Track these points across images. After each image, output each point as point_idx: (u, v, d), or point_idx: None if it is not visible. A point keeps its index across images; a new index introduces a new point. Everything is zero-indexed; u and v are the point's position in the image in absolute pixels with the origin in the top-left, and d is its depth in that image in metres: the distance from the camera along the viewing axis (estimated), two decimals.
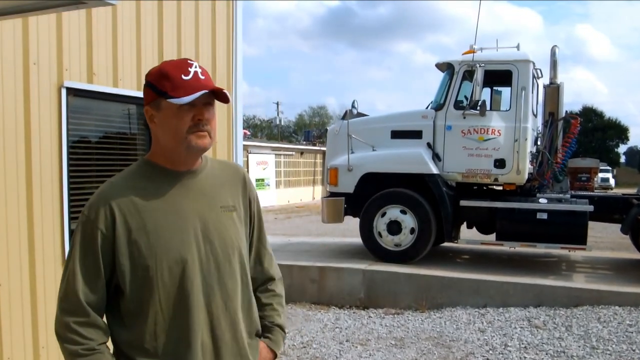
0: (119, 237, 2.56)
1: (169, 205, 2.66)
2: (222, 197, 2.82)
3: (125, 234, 2.57)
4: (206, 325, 2.66)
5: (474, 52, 13.04)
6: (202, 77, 2.64)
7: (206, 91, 2.60)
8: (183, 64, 2.64)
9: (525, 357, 8.57)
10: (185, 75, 2.60)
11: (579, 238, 12.34)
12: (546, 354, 8.68)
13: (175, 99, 2.55)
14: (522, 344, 9.09)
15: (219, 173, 2.89)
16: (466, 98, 13.00)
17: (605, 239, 18.20)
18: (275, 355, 3.04)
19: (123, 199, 2.60)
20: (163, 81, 2.61)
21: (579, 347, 8.89)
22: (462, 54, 13.31)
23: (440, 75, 14.11)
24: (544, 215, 12.46)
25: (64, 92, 6.01)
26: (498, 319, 10.31)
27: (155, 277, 2.57)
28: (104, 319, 2.66)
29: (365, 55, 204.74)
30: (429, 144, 13.17)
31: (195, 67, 2.65)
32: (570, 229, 12.39)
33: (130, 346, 2.62)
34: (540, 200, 12.84)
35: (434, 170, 12.97)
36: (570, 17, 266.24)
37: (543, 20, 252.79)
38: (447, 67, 13.63)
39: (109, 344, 2.63)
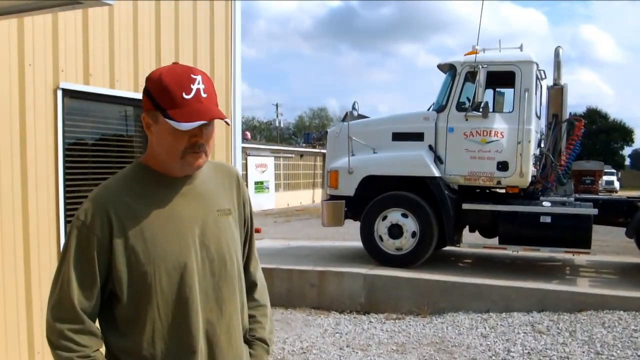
0: (116, 243, 2.49)
1: (166, 211, 2.60)
2: (218, 200, 2.77)
3: (123, 240, 2.50)
4: (202, 331, 2.62)
5: (476, 53, 12.94)
6: (204, 96, 2.50)
7: (204, 122, 2.48)
8: (186, 78, 2.49)
9: None
10: (186, 94, 2.46)
11: (583, 242, 12.21)
12: (550, 359, 8.57)
13: (174, 121, 2.44)
14: (526, 349, 8.99)
15: (214, 175, 2.83)
16: (468, 100, 12.89)
17: (610, 243, 18.10)
18: None
19: (119, 204, 2.53)
20: (162, 95, 2.47)
21: (583, 352, 8.78)
22: (465, 55, 13.20)
23: (442, 77, 14.01)
24: (548, 219, 12.36)
25: (59, 93, 5.96)
26: (501, 324, 10.21)
27: (153, 284, 2.51)
28: (97, 324, 2.60)
29: (367, 57, 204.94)
30: (430, 147, 13.07)
31: (199, 82, 2.50)
32: (574, 233, 12.28)
33: (126, 353, 2.57)
34: (544, 203, 12.73)
35: (436, 173, 12.86)
36: (574, 18, 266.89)
37: (548, 21, 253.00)
38: (449, 68, 13.53)
39: (102, 349, 2.58)
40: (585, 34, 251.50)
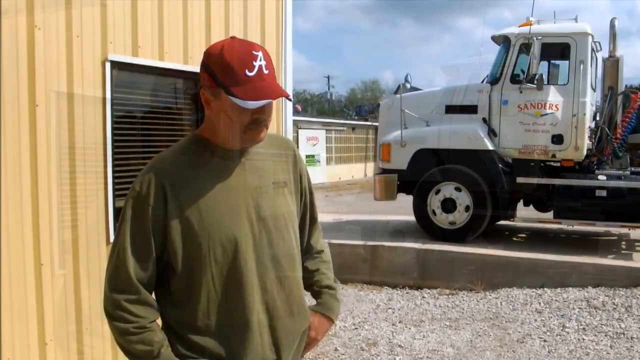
0: (170, 213, 2.52)
1: (221, 182, 2.62)
2: (273, 172, 2.79)
3: (177, 210, 2.53)
4: (261, 303, 2.63)
5: (530, 25, 12.70)
6: (266, 72, 2.51)
7: (271, 100, 2.52)
8: (248, 56, 2.49)
9: (583, 339, 8.34)
10: (249, 71, 2.47)
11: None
12: (605, 335, 8.47)
13: (239, 99, 2.45)
14: (581, 325, 8.87)
15: (270, 148, 2.81)
16: (523, 72, 12.68)
17: None
18: (331, 320, 3.03)
19: (174, 175, 2.57)
20: (225, 72, 2.48)
21: (639, 328, 8.62)
22: (519, 27, 12.97)
23: (496, 48, 13.77)
24: (603, 193, 12.16)
25: (108, 65, 5.87)
26: (556, 300, 10.06)
27: (207, 255, 2.54)
28: (153, 295, 2.64)
29: (425, 31, 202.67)
30: (484, 119, 12.90)
31: (260, 59, 2.50)
32: (630, 207, 12.06)
33: (181, 324, 2.60)
34: (599, 177, 12.51)
35: (490, 146, 12.70)
36: None
37: None
38: (503, 40, 13.31)
39: (159, 321, 2.62)
40: None
